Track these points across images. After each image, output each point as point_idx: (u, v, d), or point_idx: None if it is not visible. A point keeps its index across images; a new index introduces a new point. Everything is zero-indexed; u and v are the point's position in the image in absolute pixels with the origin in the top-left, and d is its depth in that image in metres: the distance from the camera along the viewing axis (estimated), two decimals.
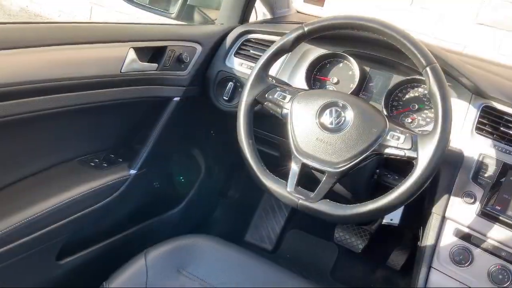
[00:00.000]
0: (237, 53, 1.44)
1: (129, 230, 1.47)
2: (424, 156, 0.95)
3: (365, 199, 1.01)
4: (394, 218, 1.25)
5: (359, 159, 1.01)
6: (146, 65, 1.22)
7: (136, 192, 1.39)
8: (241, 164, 1.14)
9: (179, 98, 1.34)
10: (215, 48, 1.42)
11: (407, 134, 0.99)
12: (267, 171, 1.10)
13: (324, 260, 1.83)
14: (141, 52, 1.20)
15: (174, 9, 1.55)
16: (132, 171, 1.33)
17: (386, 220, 1.26)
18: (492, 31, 2.70)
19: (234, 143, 1.14)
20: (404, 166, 1.08)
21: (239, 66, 1.42)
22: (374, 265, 1.81)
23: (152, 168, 1.40)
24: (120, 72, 1.14)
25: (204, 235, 1.23)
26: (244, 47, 1.44)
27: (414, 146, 0.97)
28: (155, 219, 1.58)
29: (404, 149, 0.98)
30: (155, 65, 1.24)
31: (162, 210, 1.63)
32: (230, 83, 1.41)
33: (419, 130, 1.19)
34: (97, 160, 1.31)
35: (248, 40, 1.44)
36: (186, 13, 1.55)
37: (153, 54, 1.25)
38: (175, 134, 1.47)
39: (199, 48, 1.37)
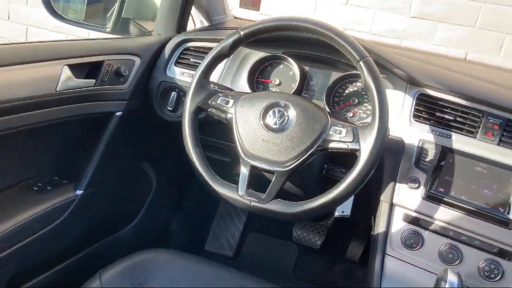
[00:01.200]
0: (177, 63, 1.43)
1: (82, 253, 1.42)
2: (366, 147, 0.98)
3: (316, 195, 1.02)
4: (345, 210, 1.28)
5: (305, 155, 1.02)
6: (82, 81, 1.19)
7: (85, 213, 1.34)
8: (193, 174, 1.13)
9: (121, 112, 1.32)
10: (154, 59, 1.41)
11: (349, 128, 1.02)
12: (217, 177, 1.09)
13: (286, 260, 1.85)
14: (76, 69, 1.17)
15: (109, 24, 1.52)
16: (79, 192, 1.29)
17: (338, 212, 1.29)
18: (425, 23, 2.81)
19: (183, 152, 1.13)
20: (350, 158, 1.11)
21: (181, 75, 1.41)
22: (333, 259, 1.84)
23: (100, 187, 1.36)
24: (56, 91, 1.11)
25: (162, 249, 1.21)
26: (184, 56, 1.43)
27: (356, 138, 1.00)
28: (109, 238, 1.54)
29: (347, 142, 1.01)
30: (92, 81, 1.21)
31: (115, 229, 1.58)
32: (173, 93, 1.40)
33: (360, 123, 1.23)
34: (40, 184, 1.26)
35: (187, 49, 1.44)
36: (121, 27, 1.53)
37: (89, 70, 1.22)
38: (121, 149, 1.44)
39: (137, 61, 1.35)
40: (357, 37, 1.19)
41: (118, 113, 1.32)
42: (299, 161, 1.03)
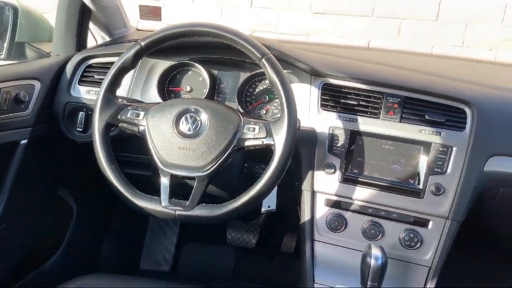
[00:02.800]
0: (81, 81, 1.38)
1: None
2: (279, 140, 1.01)
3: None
4: (270, 204, 1.31)
5: (223, 157, 1.03)
6: None
7: (1, 250, 1.25)
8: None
9: (26, 140, 1.25)
10: (56, 81, 1.35)
11: (261, 124, 1.04)
12: (137, 191, 1.07)
13: (224, 264, 1.85)
14: None
15: (2, 50, 1.43)
16: None
17: (264, 208, 1.31)
18: (328, 18, 2.94)
19: (100, 172, 1.09)
20: (268, 154, 1.14)
21: (87, 93, 1.36)
22: (270, 255, 1.87)
23: (14, 221, 1.27)
24: None
25: (93, 275, 1.16)
26: (87, 74, 1.39)
27: (269, 134, 1.02)
28: (33, 273, 1.44)
29: (261, 138, 1.03)
30: None
31: (38, 263, 1.49)
32: (81, 113, 1.35)
33: (273, 118, 1.26)
34: None
35: (90, 66, 1.40)
36: (16, 51, 1.45)
37: None
38: (33, 178, 1.36)
39: (37, 84, 1.28)
40: (259, 36, 1.22)
41: (23, 142, 1.24)
42: (217, 163, 1.03)
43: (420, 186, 1.16)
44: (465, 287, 1.69)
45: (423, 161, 1.16)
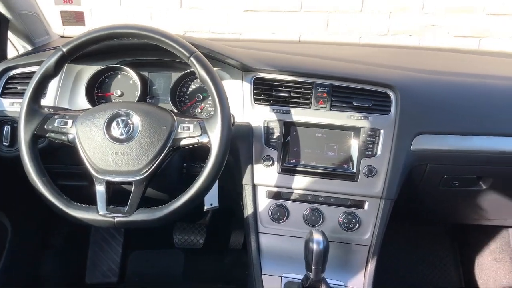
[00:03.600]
0: (3, 94, 1.32)
1: None
2: (214, 137, 1.01)
3: None
4: (213, 202, 1.31)
5: (159, 159, 1.02)
6: None
7: None
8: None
9: None
10: None
11: (195, 122, 1.04)
12: (73, 202, 1.04)
13: (173, 268, 1.83)
14: None
15: None
16: None
17: (206, 206, 1.31)
18: (259, 15, 2.97)
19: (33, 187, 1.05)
20: (206, 152, 1.14)
21: (10, 106, 1.30)
22: (219, 253, 1.88)
23: None
24: None
25: None
26: (9, 86, 1.32)
27: (204, 131, 1.03)
28: None
29: (196, 136, 1.03)
30: None
31: None
32: (6, 126, 1.28)
33: (208, 116, 1.27)
34: None
35: (12, 77, 1.33)
36: None
37: None
38: None
39: None
40: (188, 36, 1.22)
41: None
42: (154, 165, 1.02)
43: (354, 170, 1.21)
44: (402, 262, 1.78)
45: (354, 146, 1.21)
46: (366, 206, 1.22)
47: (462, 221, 1.71)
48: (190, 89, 1.33)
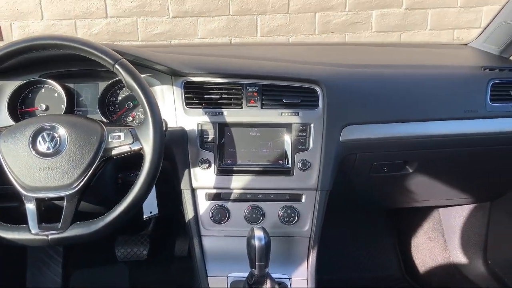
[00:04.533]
0: None
1: None
2: (147, 143, 1.00)
3: None
4: (152, 210, 1.30)
5: (91, 170, 1.00)
6: None
7: None
8: None
9: None
10: None
11: (126, 130, 1.03)
12: (1, 223, 0.99)
13: (119, 283, 1.78)
14: None
15: None
16: None
17: (146, 214, 1.30)
18: (187, 20, 2.96)
19: None
20: (141, 160, 1.13)
21: None
22: (164, 262, 1.85)
23: None
24: None
25: None
26: None
27: (136, 138, 1.02)
28: None
29: (128, 144, 1.02)
30: None
31: None
32: None
33: (139, 123, 1.25)
34: None
35: None
36: None
37: None
38: None
39: None
40: (113, 43, 1.20)
41: None
42: (86, 178, 1.00)
43: (289, 165, 1.24)
44: (344, 250, 1.86)
45: (287, 141, 1.24)
46: (303, 199, 1.25)
47: (396, 205, 1.80)
48: (119, 98, 1.31)
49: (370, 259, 1.95)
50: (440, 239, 1.94)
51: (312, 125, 1.24)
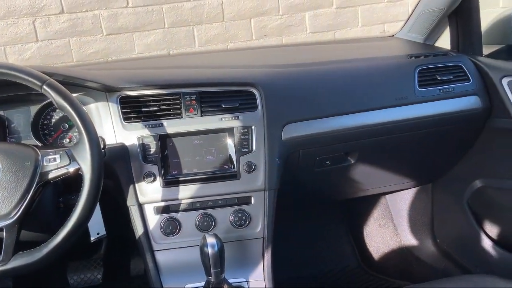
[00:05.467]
0: None
1: None
2: (84, 162, 0.98)
3: None
4: (99, 231, 1.26)
5: (28, 197, 0.96)
6: None
7: None
8: None
9: None
10: None
11: (61, 152, 1.00)
12: None
13: None
14: None
15: None
16: None
17: (93, 236, 1.26)
18: (122, 37, 2.91)
19: None
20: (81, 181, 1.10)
21: None
22: (122, 284, 1.80)
23: None
24: None
25: None
26: None
27: (72, 159, 0.99)
28: None
29: (64, 166, 0.99)
30: None
31: None
32: None
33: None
34: None
35: None
36: None
37: None
38: None
39: None
40: (40, 65, 1.16)
41: None
42: (24, 205, 0.96)
43: (235, 169, 1.25)
44: (299, 247, 1.88)
45: (231, 146, 1.25)
46: (252, 200, 1.26)
47: (344, 197, 1.86)
48: (53, 120, 1.27)
49: (327, 253, 1.99)
50: (390, 225, 2.01)
51: (253, 127, 1.25)
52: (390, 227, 2.00)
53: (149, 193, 1.22)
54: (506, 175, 1.52)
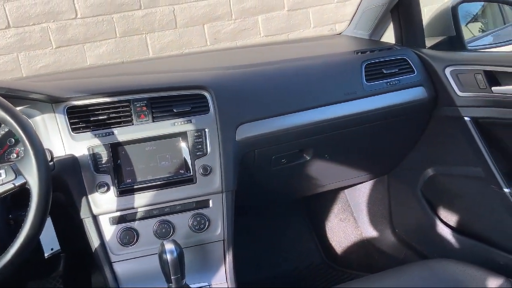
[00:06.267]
0: None
1: None
2: (31, 176, 0.95)
3: None
4: (53, 246, 1.22)
5: None
6: None
7: None
8: None
9: None
10: None
11: (6, 167, 0.96)
12: None
13: None
14: None
15: None
16: None
17: (47, 252, 1.22)
18: (72, 49, 2.85)
19: None
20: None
21: None
22: None
23: None
24: None
25: None
26: None
27: (18, 173, 0.96)
28: None
29: (10, 181, 0.95)
30: None
31: None
32: None
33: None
34: None
35: None
36: None
37: None
38: None
39: None
40: None
41: None
42: None
43: (191, 173, 1.24)
44: (262, 248, 1.89)
45: (185, 150, 1.24)
46: (210, 203, 1.26)
47: (304, 194, 1.88)
48: None
49: (290, 251, 2.01)
50: (350, 218, 2.05)
51: (206, 130, 1.25)
52: (350, 221, 2.04)
53: (103, 204, 1.19)
54: (454, 162, 1.58)
